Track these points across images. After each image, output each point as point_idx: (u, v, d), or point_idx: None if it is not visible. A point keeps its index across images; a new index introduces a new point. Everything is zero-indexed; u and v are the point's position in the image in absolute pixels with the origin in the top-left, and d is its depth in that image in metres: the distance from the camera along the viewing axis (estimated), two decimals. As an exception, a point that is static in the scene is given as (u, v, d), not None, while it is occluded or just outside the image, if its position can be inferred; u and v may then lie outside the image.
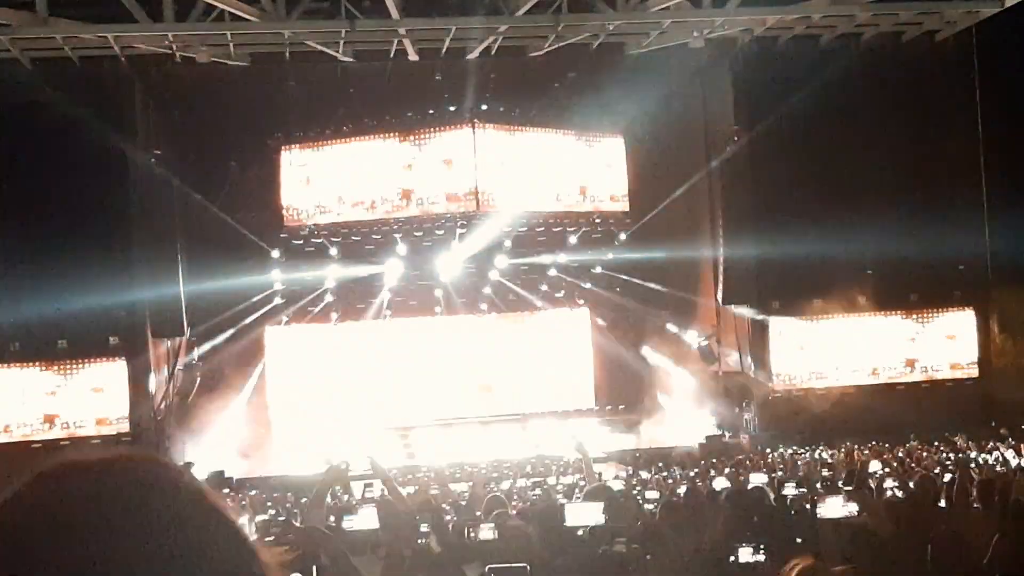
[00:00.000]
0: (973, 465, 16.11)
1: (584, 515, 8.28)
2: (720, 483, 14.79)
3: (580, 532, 8.42)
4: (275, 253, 28.51)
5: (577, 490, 15.40)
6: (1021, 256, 24.07)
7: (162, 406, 25.67)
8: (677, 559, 7.36)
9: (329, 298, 29.34)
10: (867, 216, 25.29)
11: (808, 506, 9.86)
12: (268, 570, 1.02)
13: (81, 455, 1.02)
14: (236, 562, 0.99)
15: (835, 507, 8.68)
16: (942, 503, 10.10)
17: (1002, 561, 7.00)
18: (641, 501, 12.82)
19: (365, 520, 8.51)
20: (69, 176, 23.39)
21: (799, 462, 20.27)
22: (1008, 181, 24.69)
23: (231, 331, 27.59)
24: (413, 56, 25.29)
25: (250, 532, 1.03)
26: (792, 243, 24.82)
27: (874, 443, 22.18)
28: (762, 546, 7.30)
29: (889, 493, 11.66)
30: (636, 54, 26.15)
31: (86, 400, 24.68)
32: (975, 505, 9.54)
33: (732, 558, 7.30)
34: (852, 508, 8.57)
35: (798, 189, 25.18)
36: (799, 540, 8.00)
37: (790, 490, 11.81)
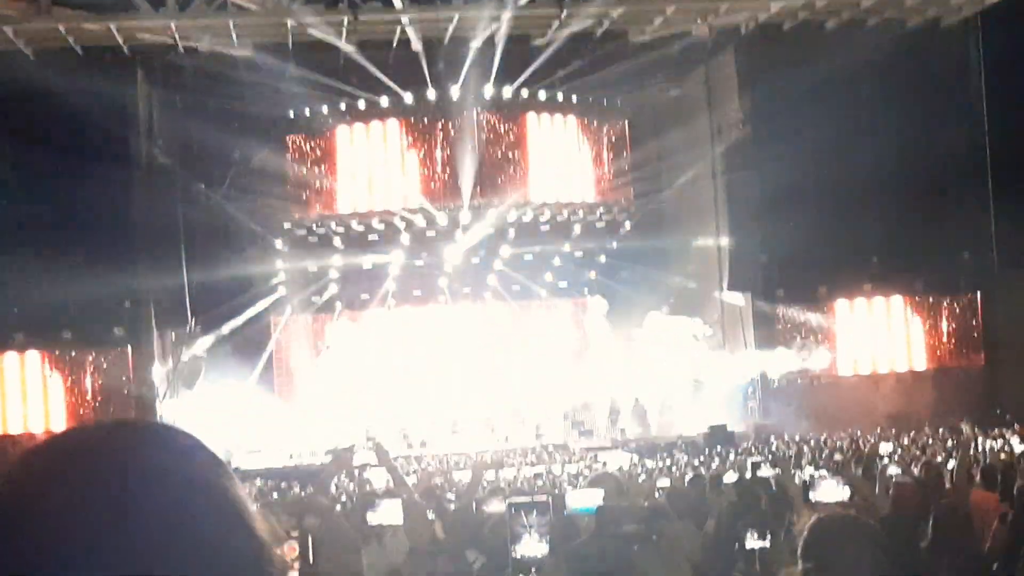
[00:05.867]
0: (979, 450, 16.13)
1: (585, 500, 8.31)
2: (726, 472, 14.84)
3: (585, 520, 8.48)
4: (279, 243, 28.55)
5: (580, 478, 15.48)
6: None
7: (166, 396, 25.75)
8: (682, 543, 7.41)
9: (333, 288, 29.39)
10: (872, 203, 25.31)
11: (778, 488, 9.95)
12: (277, 559, 1.00)
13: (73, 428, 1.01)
14: (242, 548, 0.97)
15: (828, 491, 8.74)
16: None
17: (1002, 545, 7.03)
18: (646, 486, 12.87)
19: (386, 514, 8.42)
20: (72, 166, 23.43)
21: (804, 449, 20.29)
22: (1013, 168, 24.66)
23: (236, 321, 27.62)
24: (416, 44, 25.31)
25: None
26: (797, 231, 24.83)
27: (879, 430, 22.22)
28: (768, 532, 7.34)
29: (893, 481, 11.67)
30: (640, 41, 26.13)
31: (91, 391, 24.78)
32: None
33: (737, 544, 7.34)
34: (845, 492, 8.63)
35: (803, 177, 25.15)
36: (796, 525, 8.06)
37: (766, 471, 11.95)
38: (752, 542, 7.29)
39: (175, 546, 0.91)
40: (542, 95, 27.86)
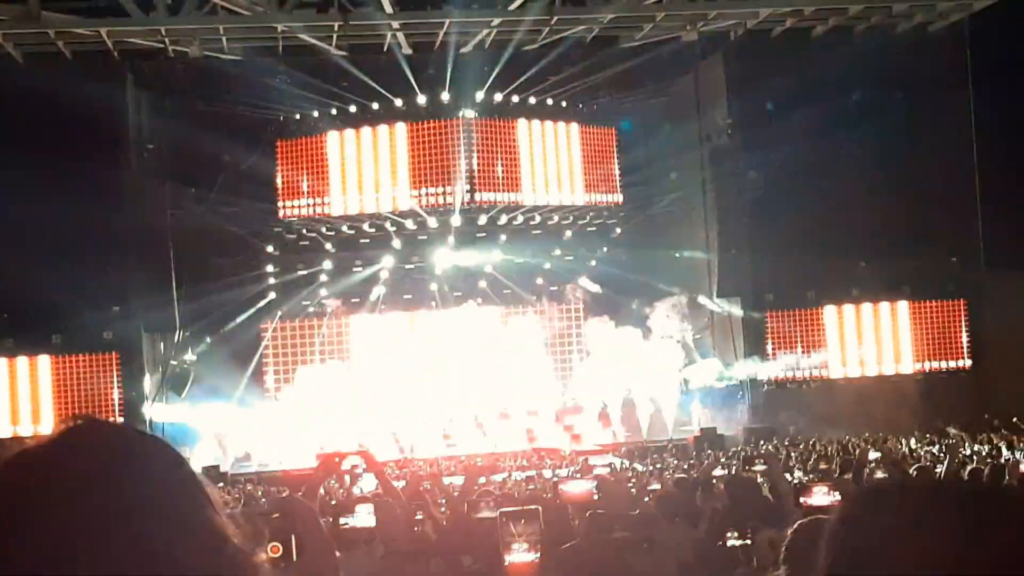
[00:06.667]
0: (968, 453, 16.23)
1: (577, 488, 8.40)
2: (716, 474, 14.90)
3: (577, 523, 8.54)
4: (269, 248, 28.54)
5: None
6: (1014, 247, 24.19)
7: (155, 401, 25.70)
8: (672, 547, 7.46)
9: (323, 292, 29.37)
10: (860, 209, 25.41)
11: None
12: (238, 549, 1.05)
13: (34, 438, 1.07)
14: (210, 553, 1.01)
15: (820, 496, 8.83)
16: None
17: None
18: (635, 490, 12.92)
19: (362, 519, 8.56)
20: (61, 171, 23.35)
21: (792, 454, 20.35)
22: (1001, 172, 24.78)
23: (225, 326, 27.57)
24: (407, 50, 25.40)
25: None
26: (786, 236, 24.93)
27: (867, 435, 22.28)
28: (749, 531, 7.42)
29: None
30: (630, 47, 26.23)
31: (79, 396, 24.72)
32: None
33: (719, 543, 7.43)
34: (835, 498, 8.71)
35: (791, 182, 25.26)
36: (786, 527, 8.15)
37: (758, 466, 12.05)
38: (733, 540, 7.37)
39: (141, 551, 0.95)
40: (532, 100, 27.95)
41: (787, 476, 13.01)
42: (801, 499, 9.45)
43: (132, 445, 1.04)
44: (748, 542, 6.83)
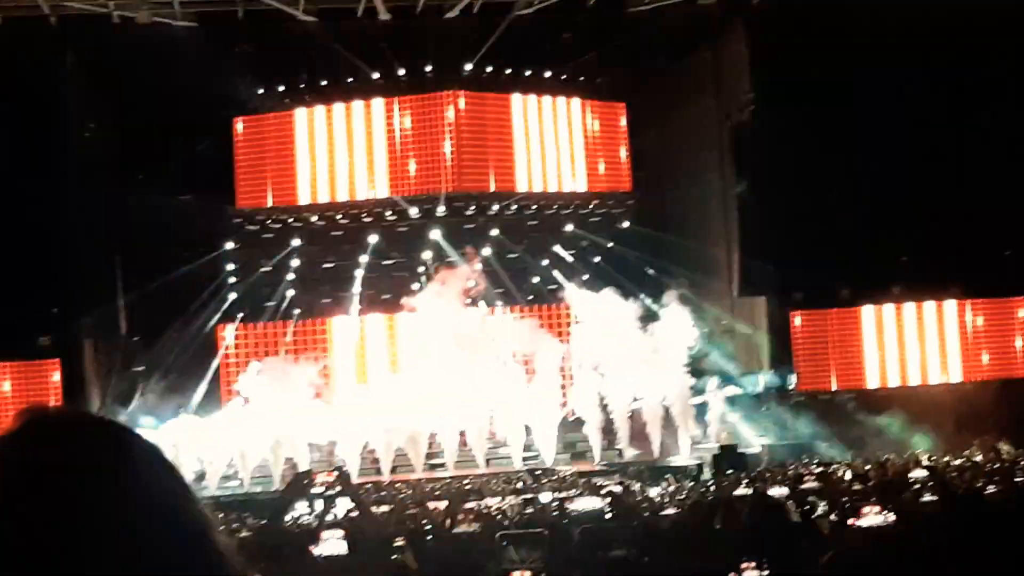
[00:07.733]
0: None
1: (586, 504, 8.41)
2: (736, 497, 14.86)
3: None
4: (229, 244, 28.41)
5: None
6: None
7: (99, 414, 25.59)
8: (679, 569, 7.44)
9: (290, 292, 29.25)
10: (902, 195, 25.30)
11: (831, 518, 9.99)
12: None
13: None
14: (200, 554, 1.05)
15: (871, 517, 8.82)
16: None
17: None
18: (647, 514, 12.88)
19: (333, 546, 8.58)
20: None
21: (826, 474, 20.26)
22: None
23: (179, 330, 27.45)
24: (384, 15, 25.31)
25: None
26: (817, 225, 24.84)
27: (909, 452, 22.24)
28: (765, 561, 7.44)
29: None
30: (639, 13, 26.16)
31: (12, 408, 24.60)
32: None
33: (732, 574, 7.43)
34: (890, 517, 8.69)
35: (824, 164, 25.14)
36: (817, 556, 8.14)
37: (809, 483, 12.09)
38: (751, 572, 7.33)
39: (122, 546, 1.00)
40: (527, 73, 27.88)
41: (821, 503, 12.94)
42: (850, 521, 9.45)
43: (107, 439, 1.10)
44: (766, 574, 6.78)
